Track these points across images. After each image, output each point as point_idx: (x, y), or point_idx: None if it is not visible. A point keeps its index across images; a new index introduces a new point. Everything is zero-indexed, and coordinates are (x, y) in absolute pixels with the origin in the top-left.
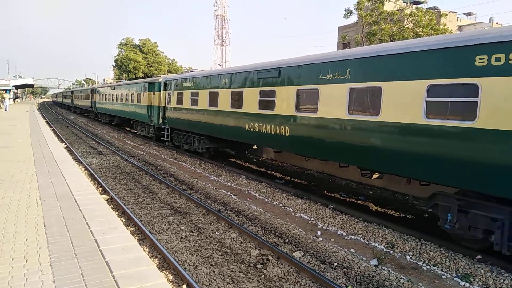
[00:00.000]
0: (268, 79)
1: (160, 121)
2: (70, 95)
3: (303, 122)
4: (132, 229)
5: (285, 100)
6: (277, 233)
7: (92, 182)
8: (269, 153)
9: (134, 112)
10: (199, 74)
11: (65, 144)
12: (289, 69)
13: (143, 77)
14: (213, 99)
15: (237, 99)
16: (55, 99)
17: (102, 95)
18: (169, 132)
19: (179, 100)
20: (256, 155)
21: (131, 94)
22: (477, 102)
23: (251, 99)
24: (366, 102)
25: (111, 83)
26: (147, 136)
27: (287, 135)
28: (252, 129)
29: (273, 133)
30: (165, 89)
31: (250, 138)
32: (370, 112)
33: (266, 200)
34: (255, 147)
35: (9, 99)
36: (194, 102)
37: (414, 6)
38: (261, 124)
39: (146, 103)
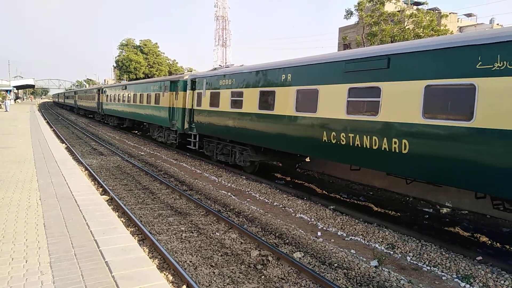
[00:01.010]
0: (367, 72)
1: (186, 126)
2: (73, 95)
3: (448, 137)
4: (132, 229)
5: (400, 101)
6: (277, 234)
7: (93, 182)
8: (327, 168)
9: (150, 115)
10: (243, 69)
11: (66, 144)
12: (409, 56)
13: (143, 78)
14: (267, 100)
15: (308, 100)
16: (56, 99)
17: (110, 95)
18: (198, 140)
19: (214, 102)
20: (307, 169)
21: (147, 95)
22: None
23: (333, 100)
24: None
25: (119, 82)
26: (166, 143)
27: (405, 152)
28: (335, 141)
29: (378, 148)
30: (193, 88)
31: (333, 154)
32: None
33: (267, 200)
34: (307, 159)
35: (10, 99)
36: (237, 104)
37: (415, 7)
38: (352, 135)
39: (167, 104)
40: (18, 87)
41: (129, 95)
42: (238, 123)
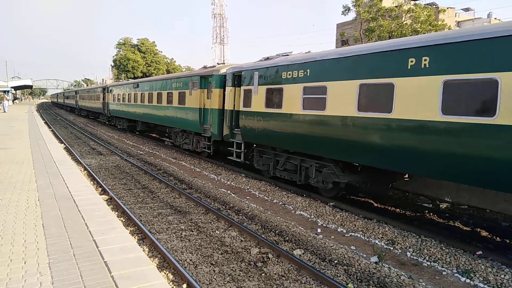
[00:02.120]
0: None
1: (226, 132)
2: (73, 95)
3: None
4: (132, 229)
5: None
6: (277, 231)
7: (92, 182)
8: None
9: (172, 117)
10: (328, 55)
11: (64, 144)
12: None
13: (141, 77)
14: (376, 97)
15: (473, 97)
16: (55, 100)
17: (119, 95)
18: (244, 149)
19: (273, 101)
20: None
21: (167, 94)
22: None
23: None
24: None
25: (126, 80)
26: (194, 151)
27: None
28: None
29: None
30: (235, 85)
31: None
32: None
33: (266, 198)
34: (406, 177)
35: (8, 100)
36: (314, 103)
37: (412, 2)
38: None
39: (196, 105)
40: (16, 88)
41: (143, 94)
42: (316, 130)
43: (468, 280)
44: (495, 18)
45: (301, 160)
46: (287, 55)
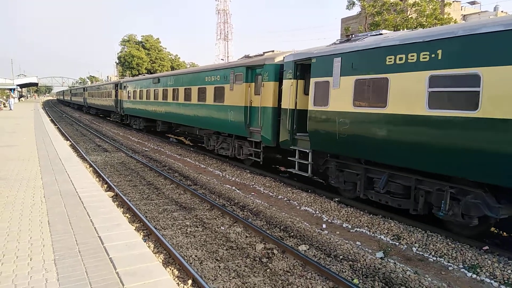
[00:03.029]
0: None
1: (284, 137)
2: (81, 92)
3: None
4: (137, 225)
5: None
6: (282, 227)
7: (97, 179)
8: None
9: (205, 117)
10: (484, 25)
11: (70, 141)
12: None
13: (146, 74)
14: None
15: None
16: (61, 97)
17: (135, 91)
18: (312, 160)
19: (365, 97)
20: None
21: (198, 89)
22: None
23: None
24: None
25: (143, 75)
26: (234, 158)
27: None
28: None
29: None
30: (298, 77)
31: None
32: None
33: (271, 194)
34: None
35: (14, 98)
36: (453, 100)
37: None
38: None
39: (240, 102)
40: (21, 86)
41: (165, 91)
42: (456, 141)
43: (474, 275)
44: (502, 11)
45: (418, 181)
46: (380, 34)
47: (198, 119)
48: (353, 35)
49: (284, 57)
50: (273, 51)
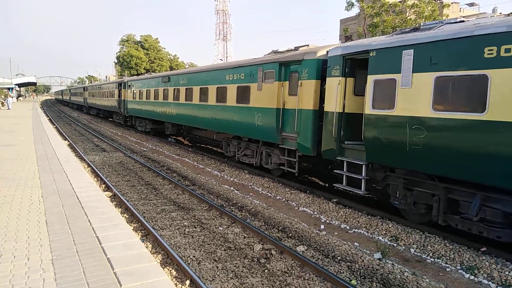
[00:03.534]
0: None
1: (329, 145)
2: (81, 92)
3: None
4: (135, 225)
5: None
6: (280, 228)
7: (95, 179)
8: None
9: (227, 120)
10: None
11: (68, 141)
12: None
13: (145, 73)
14: None
15: None
16: (60, 97)
17: (140, 91)
18: (365, 174)
19: (450, 98)
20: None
21: (217, 89)
22: None
23: None
24: None
25: (149, 73)
26: (260, 167)
27: None
28: None
29: None
30: (346, 74)
31: None
32: None
33: (269, 194)
34: None
35: (12, 97)
36: None
37: None
38: None
39: (271, 104)
40: (20, 85)
41: (177, 90)
42: None
43: (472, 277)
44: (500, 13)
45: None
46: (462, 21)
47: (216, 122)
48: (422, 24)
49: (328, 51)
50: (307, 45)
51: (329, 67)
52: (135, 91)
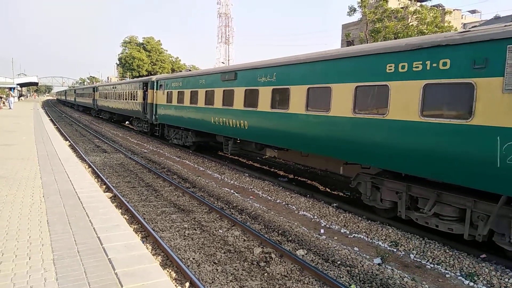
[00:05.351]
0: None
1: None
2: (90, 92)
3: None
4: (135, 226)
5: None
6: (280, 231)
7: (96, 180)
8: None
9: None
10: None
11: (69, 142)
12: None
13: (147, 75)
14: None
15: None
16: (63, 97)
17: (180, 93)
18: None
19: None
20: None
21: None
22: None
23: None
24: None
25: (187, 70)
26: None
27: None
28: None
29: None
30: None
31: None
32: None
33: (269, 198)
34: None
35: (14, 97)
36: None
37: (419, 3)
38: None
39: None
40: (21, 85)
41: (252, 93)
42: None
43: (471, 283)
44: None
45: None
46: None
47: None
48: (191, 70)
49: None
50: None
51: None
52: (171, 93)
